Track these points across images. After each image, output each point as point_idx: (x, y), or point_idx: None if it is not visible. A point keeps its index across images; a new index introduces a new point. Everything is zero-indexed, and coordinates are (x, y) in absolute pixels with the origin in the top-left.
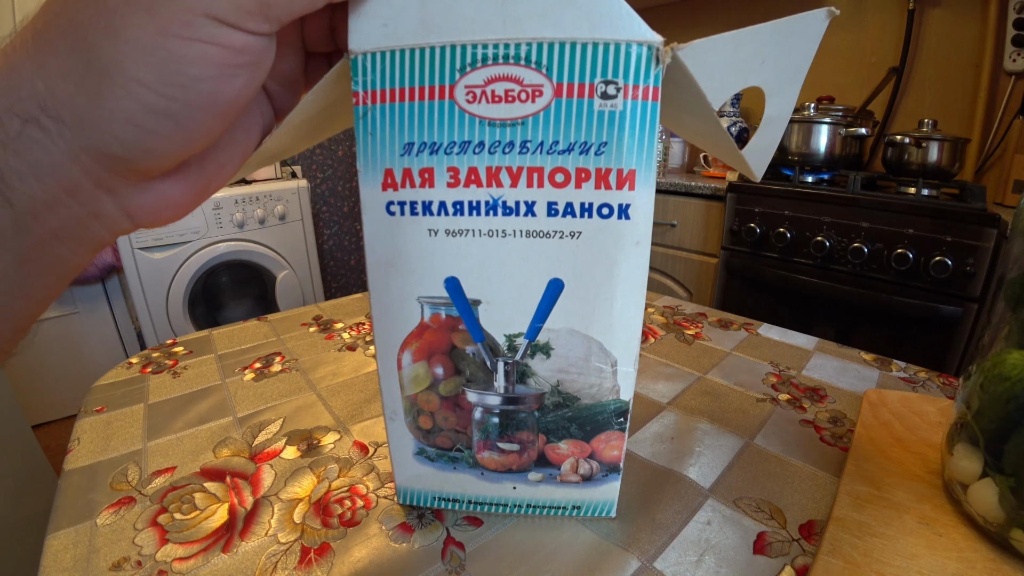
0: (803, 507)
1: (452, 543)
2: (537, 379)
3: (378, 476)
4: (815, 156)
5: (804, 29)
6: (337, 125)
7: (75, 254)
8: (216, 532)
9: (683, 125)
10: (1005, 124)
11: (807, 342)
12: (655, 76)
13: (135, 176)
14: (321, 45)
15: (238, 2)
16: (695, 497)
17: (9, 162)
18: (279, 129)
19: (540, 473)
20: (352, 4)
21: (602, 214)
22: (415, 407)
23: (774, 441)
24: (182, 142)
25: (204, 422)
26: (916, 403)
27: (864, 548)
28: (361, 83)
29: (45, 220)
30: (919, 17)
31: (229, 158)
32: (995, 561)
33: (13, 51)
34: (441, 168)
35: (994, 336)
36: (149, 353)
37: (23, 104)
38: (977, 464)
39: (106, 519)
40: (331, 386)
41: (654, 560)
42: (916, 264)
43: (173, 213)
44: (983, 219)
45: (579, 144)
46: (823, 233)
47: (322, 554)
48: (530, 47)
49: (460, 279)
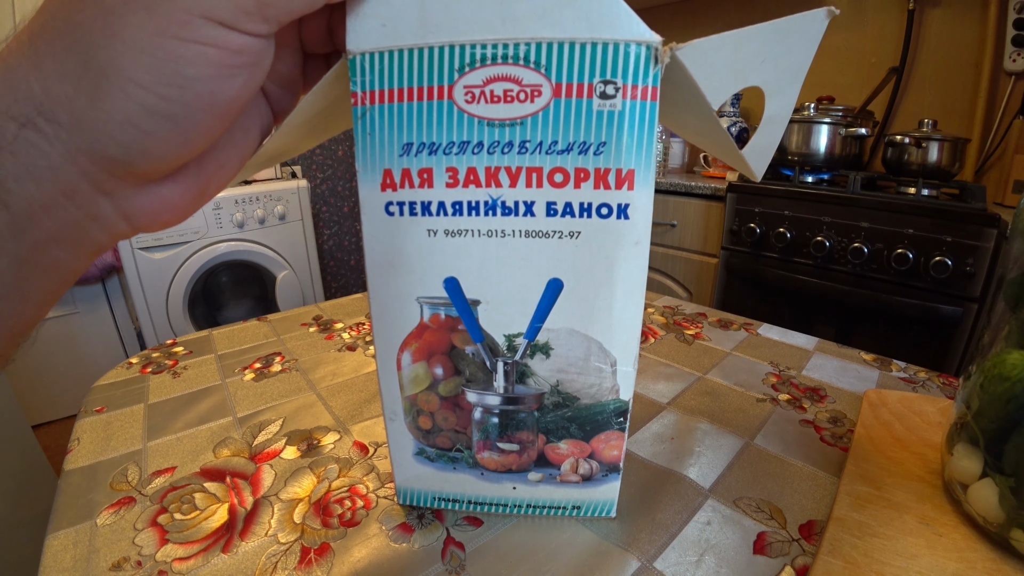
0: (803, 507)
1: (452, 543)
2: (537, 379)
3: (378, 476)
4: (815, 156)
5: (804, 29)
6: (337, 126)
7: (73, 257)
8: (216, 532)
9: (683, 125)
10: (1005, 124)
11: (807, 342)
12: (654, 76)
13: (133, 179)
14: (319, 46)
15: (237, 3)
16: (695, 497)
17: (5, 165)
18: (278, 131)
19: (540, 473)
20: (350, 4)
21: (601, 214)
22: (415, 407)
23: (774, 441)
24: (180, 144)
25: (204, 422)
26: (916, 403)
27: (864, 548)
28: (360, 83)
29: (42, 223)
30: (919, 17)
31: (228, 160)
32: (995, 561)
33: (9, 54)
34: (440, 168)
35: (994, 336)
36: (149, 353)
37: (19, 107)
38: (977, 464)
39: (106, 519)
40: (331, 386)
41: (654, 560)
42: (916, 264)
43: (172, 216)
44: (983, 219)
45: (578, 144)
46: (823, 233)
47: (322, 554)
48: (529, 47)
49: (459, 279)
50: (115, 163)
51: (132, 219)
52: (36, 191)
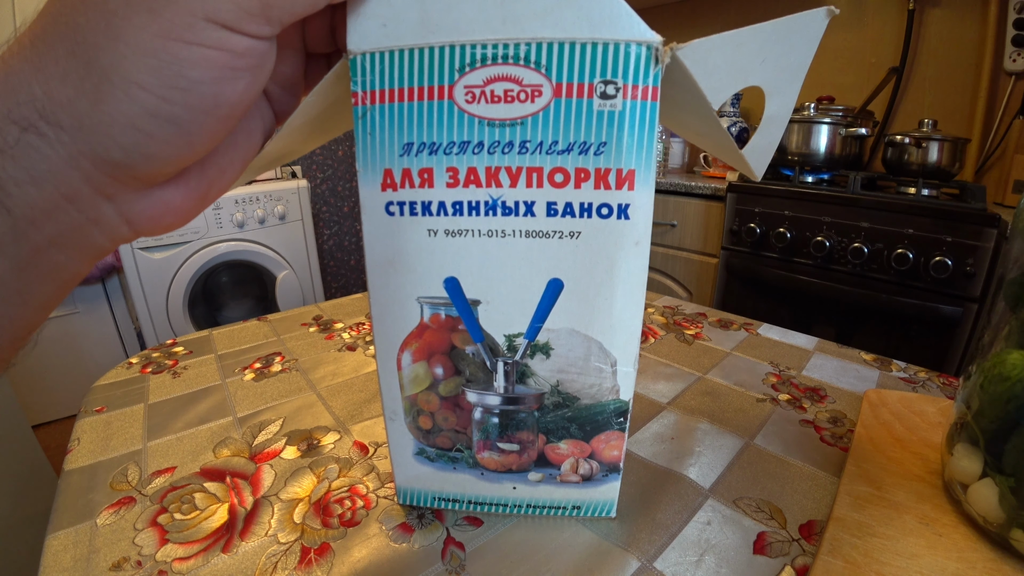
0: (803, 507)
1: (452, 543)
2: (537, 379)
3: (378, 476)
4: (815, 156)
5: (804, 28)
6: (338, 127)
7: (74, 262)
8: (216, 532)
9: (683, 125)
10: (1005, 124)
11: (807, 342)
12: (654, 76)
13: (135, 182)
14: (322, 46)
15: (240, 4)
16: (695, 497)
17: (7, 169)
18: (280, 132)
19: (540, 473)
20: (351, 4)
21: (601, 214)
22: (415, 407)
23: (774, 441)
24: (183, 147)
25: (204, 422)
26: (916, 403)
27: (864, 548)
28: (360, 83)
29: (44, 227)
30: (919, 17)
31: (230, 163)
32: (995, 561)
33: (11, 56)
34: (440, 168)
35: (994, 336)
36: (149, 353)
37: (21, 110)
38: (977, 464)
39: (106, 519)
40: (331, 386)
41: (654, 560)
42: (916, 264)
43: (174, 220)
44: (983, 219)
45: (578, 144)
46: (823, 233)
47: (322, 554)
48: (529, 47)
49: (460, 279)
50: (117, 167)
51: (134, 223)
52: (38, 195)
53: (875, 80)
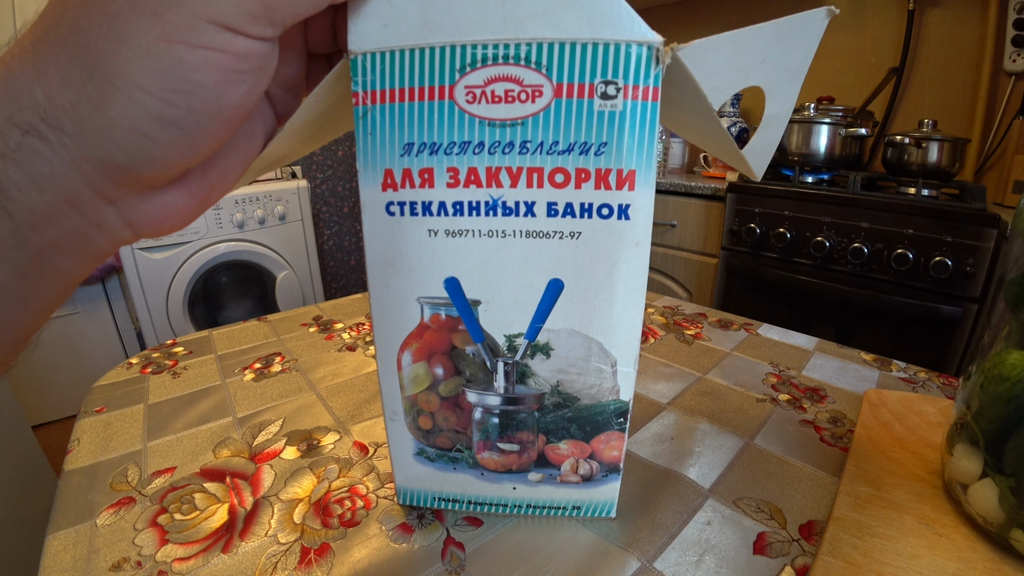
0: (803, 507)
1: (452, 543)
2: (537, 379)
3: (378, 476)
4: (815, 156)
5: (804, 28)
6: (339, 127)
7: (75, 265)
8: (216, 532)
9: (683, 125)
10: (1005, 124)
11: (807, 342)
12: (655, 76)
13: (138, 186)
14: (323, 46)
15: (243, 6)
16: (695, 497)
17: (9, 173)
18: (281, 133)
19: (540, 473)
20: (352, 4)
21: (602, 214)
22: (415, 407)
23: (774, 441)
24: (186, 150)
25: (204, 422)
26: (916, 403)
27: (864, 548)
28: (361, 83)
29: (45, 231)
30: (919, 17)
31: (232, 165)
32: (995, 561)
33: (12, 59)
34: (441, 168)
35: (994, 336)
36: (149, 353)
37: (23, 114)
38: (977, 464)
39: (106, 519)
40: (331, 386)
41: (654, 560)
42: (916, 264)
43: (176, 222)
44: (983, 219)
45: (579, 144)
46: (823, 233)
47: (322, 554)
48: (530, 47)
49: (460, 279)
50: (120, 170)
51: (136, 226)
52: (39, 199)
53: (875, 80)
